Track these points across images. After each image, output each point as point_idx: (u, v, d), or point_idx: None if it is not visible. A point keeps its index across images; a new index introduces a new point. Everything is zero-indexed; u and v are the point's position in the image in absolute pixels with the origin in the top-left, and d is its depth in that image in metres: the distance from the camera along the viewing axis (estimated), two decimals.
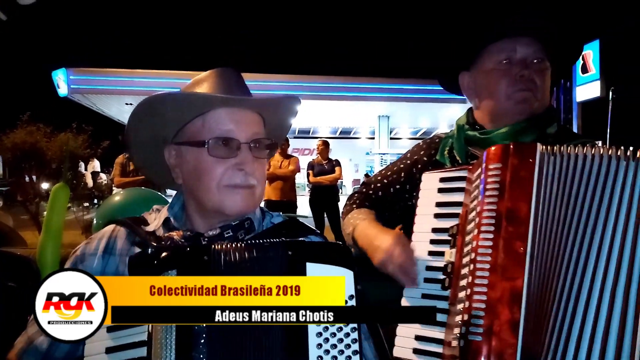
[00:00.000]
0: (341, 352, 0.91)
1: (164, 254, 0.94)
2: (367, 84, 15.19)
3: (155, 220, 1.22)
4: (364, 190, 1.74)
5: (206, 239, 1.13)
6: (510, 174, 1.07)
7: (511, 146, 1.10)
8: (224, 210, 1.14)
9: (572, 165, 1.07)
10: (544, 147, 1.09)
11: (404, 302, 1.21)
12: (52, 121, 11.73)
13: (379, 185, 1.70)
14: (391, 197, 1.66)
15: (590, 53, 12.25)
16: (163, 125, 1.18)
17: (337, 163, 8.17)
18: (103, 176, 15.66)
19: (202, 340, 0.87)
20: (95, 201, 12.01)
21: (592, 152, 1.06)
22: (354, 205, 1.68)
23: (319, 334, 0.92)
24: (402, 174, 1.65)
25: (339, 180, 8.46)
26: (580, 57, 12.47)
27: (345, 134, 21.18)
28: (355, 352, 0.91)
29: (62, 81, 15.40)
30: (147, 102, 1.14)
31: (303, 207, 8.25)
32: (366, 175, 14.13)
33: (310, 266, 0.95)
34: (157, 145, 1.23)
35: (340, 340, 0.92)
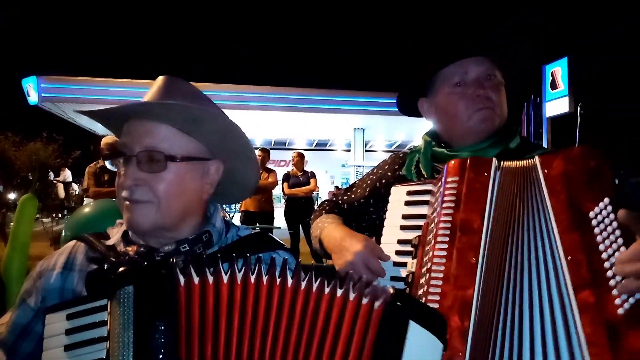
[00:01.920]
0: None
1: (120, 269, 0.91)
2: (342, 96, 15.29)
3: (116, 234, 1.20)
4: (334, 199, 1.79)
5: (161, 254, 1.10)
6: (466, 187, 1.12)
7: (468, 160, 1.15)
8: (127, 225, 1.13)
9: (521, 176, 1.12)
10: (499, 161, 1.15)
11: None
12: (21, 130, 11.47)
13: (345, 198, 1.75)
14: (356, 210, 1.70)
15: (559, 70, 12.67)
16: None
17: (312, 175, 8.19)
18: (75, 186, 15.34)
19: (160, 356, 0.84)
20: (66, 212, 11.72)
21: (532, 162, 1.12)
22: (323, 211, 1.71)
23: None
24: (367, 189, 1.69)
25: (314, 192, 8.48)
26: (550, 74, 12.95)
27: (322, 146, 21.22)
28: None
29: (32, 89, 15.04)
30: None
31: (279, 219, 8.24)
32: (336, 187, 14.16)
33: (412, 326, 0.86)
34: None
35: None
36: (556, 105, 12.78)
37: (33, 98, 15.23)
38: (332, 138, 20.24)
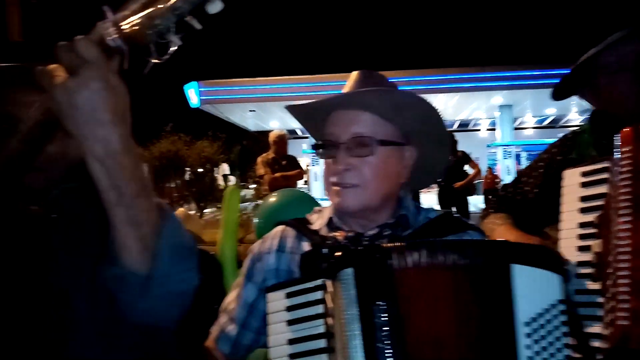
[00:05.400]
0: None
1: (338, 253, 0.97)
2: (485, 73, 14.54)
3: (319, 219, 1.29)
4: (502, 193, 1.75)
5: (366, 239, 1.18)
6: None
7: None
8: (333, 207, 1.22)
9: None
10: None
11: None
12: (188, 131, 13.06)
13: (518, 190, 1.70)
14: (529, 200, 1.65)
15: None
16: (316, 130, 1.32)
17: (468, 159, 7.70)
18: (232, 178, 16.98)
19: (383, 332, 0.90)
20: None
21: None
22: (491, 210, 1.68)
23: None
24: (541, 177, 1.64)
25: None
26: None
27: (464, 127, 20.46)
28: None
29: (193, 93, 16.92)
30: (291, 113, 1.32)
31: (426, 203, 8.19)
32: (489, 169, 13.45)
33: (516, 268, 0.92)
34: None
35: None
36: None
37: (194, 101, 17.17)
38: (475, 117, 19.39)
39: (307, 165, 16.43)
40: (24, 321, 0.93)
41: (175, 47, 0.73)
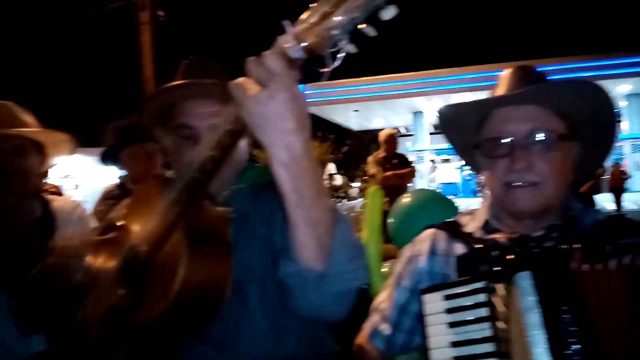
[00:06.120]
0: None
1: (510, 256, 0.93)
2: (610, 60, 13.31)
3: (472, 222, 1.25)
4: None
5: (532, 241, 1.10)
6: None
7: None
8: (506, 209, 1.14)
9: None
10: None
11: None
12: None
13: None
14: None
15: None
16: (463, 132, 1.26)
17: None
18: (337, 177, 17.34)
19: (570, 338, 0.85)
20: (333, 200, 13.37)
21: None
22: None
23: None
24: None
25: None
26: None
27: None
28: None
29: None
30: (439, 115, 1.27)
31: None
32: (616, 164, 12.22)
33: None
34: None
35: None
36: None
37: None
38: None
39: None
40: (209, 309, 1.00)
41: (345, 54, 0.75)
